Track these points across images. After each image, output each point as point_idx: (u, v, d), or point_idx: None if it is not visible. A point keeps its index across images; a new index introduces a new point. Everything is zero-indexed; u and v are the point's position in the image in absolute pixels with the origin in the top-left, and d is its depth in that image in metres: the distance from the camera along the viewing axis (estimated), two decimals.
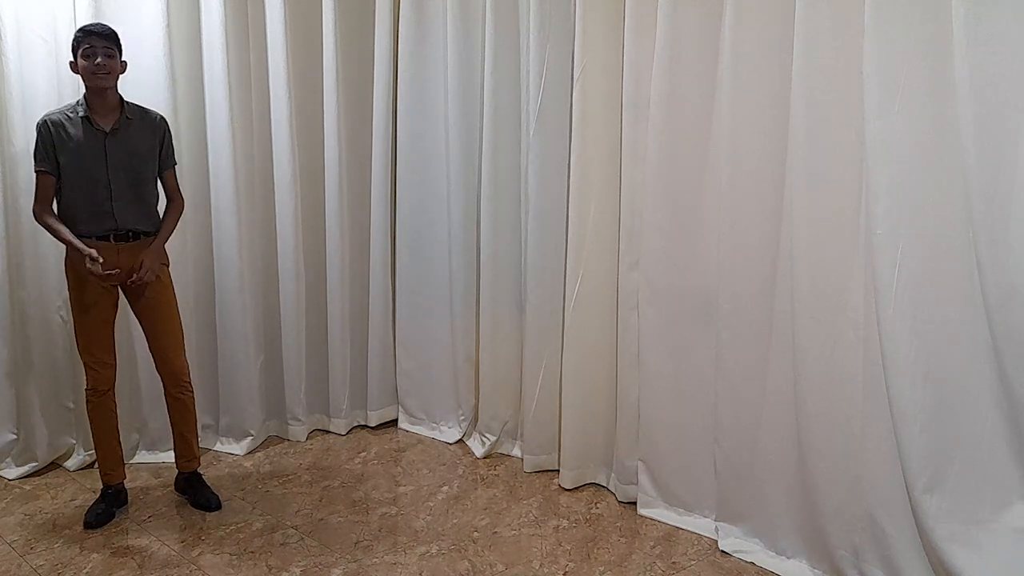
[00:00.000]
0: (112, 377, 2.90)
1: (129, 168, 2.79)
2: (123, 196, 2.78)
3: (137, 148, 2.81)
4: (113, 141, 2.76)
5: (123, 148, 2.78)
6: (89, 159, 2.74)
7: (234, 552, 2.66)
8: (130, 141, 2.80)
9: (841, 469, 2.36)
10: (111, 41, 2.73)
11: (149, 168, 2.86)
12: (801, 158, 2.35)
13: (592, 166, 2.94)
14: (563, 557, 2.64)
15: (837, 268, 2.33)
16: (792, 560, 2.54)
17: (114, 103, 2.79)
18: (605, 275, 2.99)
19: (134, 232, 2.82)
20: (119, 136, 2.78)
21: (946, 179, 2.15)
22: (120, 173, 2.77)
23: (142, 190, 2.83)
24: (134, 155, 2.80)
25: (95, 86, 2.71)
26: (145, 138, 2.84)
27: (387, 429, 3.82)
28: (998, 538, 2.16)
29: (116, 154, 2.77)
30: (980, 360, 2.18)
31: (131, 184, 2.80)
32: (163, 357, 2.94)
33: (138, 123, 2.82)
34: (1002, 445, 2.19)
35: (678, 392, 2.80)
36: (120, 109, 2.80)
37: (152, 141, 2.85)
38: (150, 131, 2.85)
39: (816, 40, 2.28)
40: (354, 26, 3.56)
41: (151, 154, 2.85)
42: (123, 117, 2.79)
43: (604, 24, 2.86)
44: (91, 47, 2.68)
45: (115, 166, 2.76)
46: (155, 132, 2.86)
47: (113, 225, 2.78)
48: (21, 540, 2.73)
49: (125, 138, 2.79)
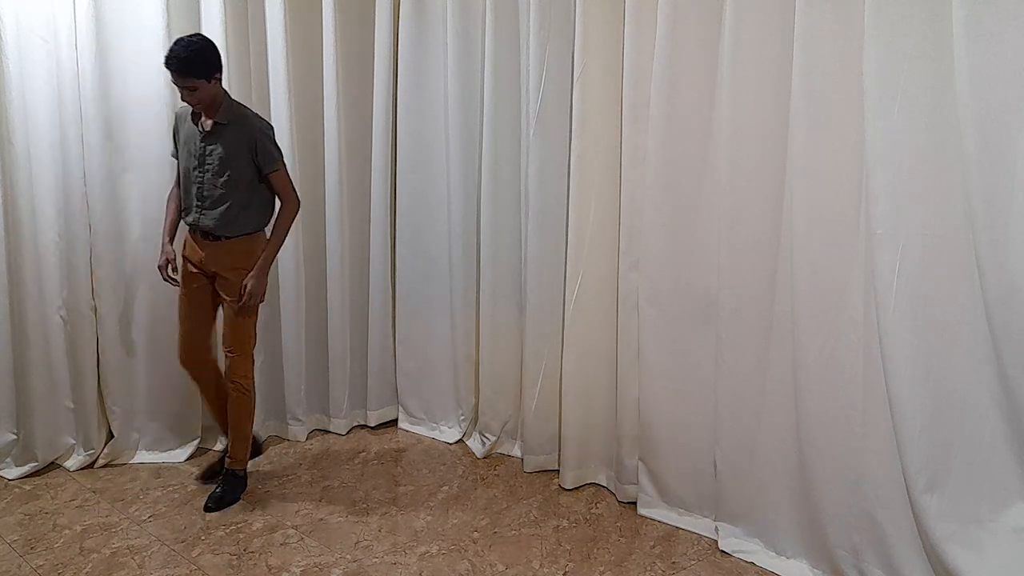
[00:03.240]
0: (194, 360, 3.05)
1: (218, 170, 2.84)
2: (209, 196, 2.86)
3: (228, 151, 2.84)
4: (208, 141, 2.84)
5: (215, 150, 2.84)
6: (189, 154, 2.88)
7: (234, 552, 2.66)
8: (223, 144, 2.83)
9: (841, 469, 2.36)
10: (185, 75, 2.71)
11: (240, 172, 2.86)
12: (801, 158, 2.35)
13: (592, 166, 2.94)
14: (563, 557, 2.64)
15: (837, 268, 2.34)
16: (792, 560, 2.54)
17: (217, 109, 2.83)
18: (605, 275, 2.99)
19: (211, 233, 2.88)
20: (214, 137, 2.84)
21: (946, 179, 2.15)
22: (207, 174, 2.85)
23: (230, 193, 2.85)
24: (224, 158, 2.83)
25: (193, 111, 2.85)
26: (237, 142, 2.84)
27: (387, 429, 3.82)
28: (998, 538, 2.17)
29: (209, 154, 2.84)
30: (980, 360, 2.18)
31: (219, 186, 2.85)
32: (225, 352, 3.02)
33: (233, 127, 2.84)
34: (1002, 445, 2.19)
35: (678, 392, 2.80)
36: (219, 111, 2.83)
37: (244, 145, 2.85)
38: (242, 135, 2.85)
39: (816, 40, 2.29)
40: (354, 26, 3.55)
41: (242, 158, 2.85)
42: (220, 120, 2.83)
43: (604, 24, 2.86)
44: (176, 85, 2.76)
45: (206, 166, 2.85)
46: (246, 136, 2.85)
47: (194, 220, 2.90)
48: (21, 540, 2.73)
49: (219, 140, 2.84)
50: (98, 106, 3.14)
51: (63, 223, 3.16)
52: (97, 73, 3.12)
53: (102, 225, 3.21)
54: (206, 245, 2.91)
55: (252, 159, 2.87)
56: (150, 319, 3.35)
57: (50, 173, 3.12)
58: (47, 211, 3.13)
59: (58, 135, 3.13)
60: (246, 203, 2.90)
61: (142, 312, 3.34)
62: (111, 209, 3.23)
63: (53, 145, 3.11)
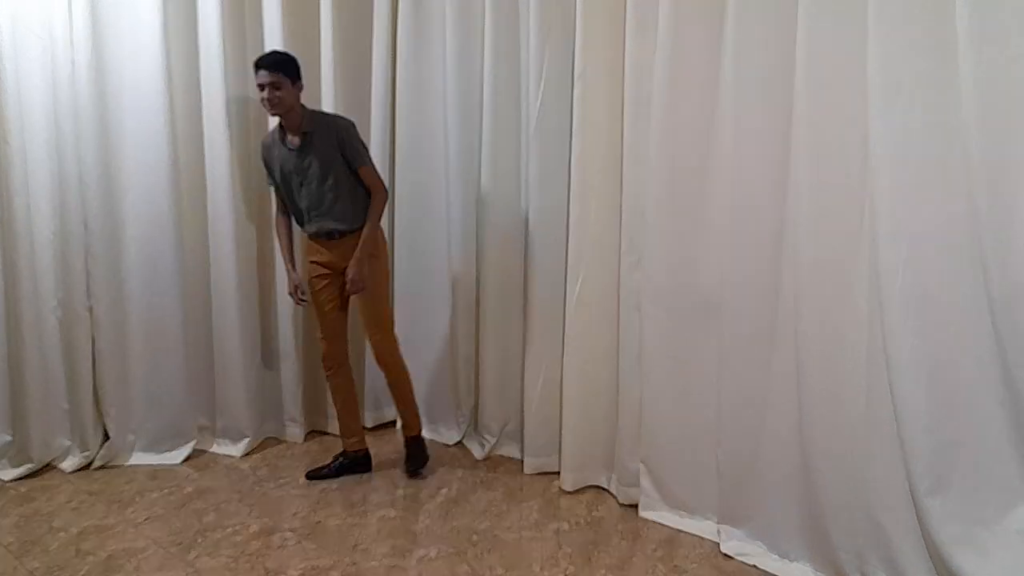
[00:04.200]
0: (336, 354, 3.22)
1: (318, 178, 3.03)
2: (319, 203, 3.05)
3: (322, 157, 3.02)
4: (300, 157, 3.03)
5: (309, 161, 3.02)
6: (287, 175, 3.07)
7: (231, 555, 2.64)
8: (314, 152, 3.02)
9: (844, 471, 2.35)
10: (276, 72, 2.92)
11: (338, 171, 3.04)
12: (804, 157, 2.34)
13: (592, 166, 2.93)
14: (564, 560, 2.62)
15: (840, 268, 2.32)
16: (795, 563, 2.52)
17: (298, 121, 3.02)
18: (606, 275, 2.97)
19: (336, 231, 3.07)
20: (304, 151, 3.03)
21: (950, 179, 2.14)
22: (312, 184, 3.04)
23: (335, 193, 3.04)
24: (320, 165, 3.02)
25: (271, 115, 3.02)
26: (326, 146, 3.02)
27: (385, 430, 3.81)
28: (1002, 540, 2.15)
29: (304, 168, 3.03)
30: (984, 361, 2.16)
31: (324, 191, 3.03)
32: (370, 339, 3.21)
33: (320, 133, 3.02)
34: (1006, 447, 2.17)
35: (680, 393, 2.79)
36: (302, 125, 3.02)
37: (334, 147, 3.02)
38: (329, 138, 3.02)
39: (818, 39, 2.28)
40: (352, 26, 3.54)
41: (336, 159, 3.03)
42: (305, 133, 3.01)
43: (604, 24, 2.85)
44: (261, 84, 2.93)
45: (307, 179, 3.04)
46: (333, 137, 3.02)
47: (317, 228, 3.09)
48: (17, 542, 2.71)
49: (310, 151, 3.02)
50: (94, 104, 3.14)
51: (58, 221, 3.15)
52: (93, 71, 3.12)
53: (98, 223, 3.20)
54: (332, 245, 3.10)
55: (342, 156, 3.04)
56: (146, 319, 3.33)
57: (46, 171, 3.11)
58: (43, 209, 3.12)
59: (54, 133, 3.11)
60: (354, 197, 3.08)
61: (138, 312, 3.32)
62: (107, 207, 3.22)
63: (49, 143, 3.10)
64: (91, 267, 3.22)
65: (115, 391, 3.31)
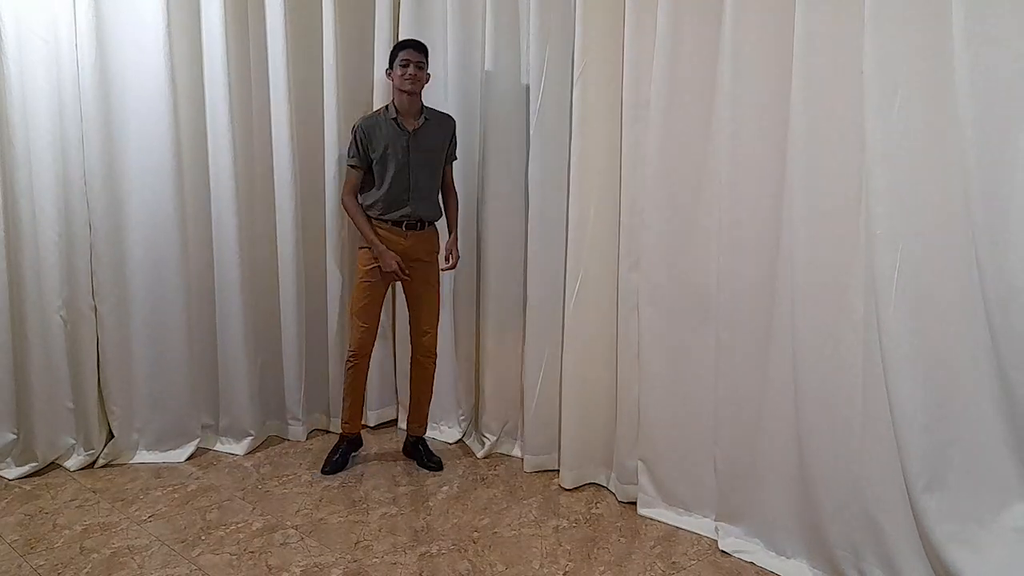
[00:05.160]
0: (369, 342, 3.28)
1: (427, 164, 3.18)
2: (420, 189, 3.18)
3: (433, 146, 3.20)
4: (415, 141, 3.15)
5: (423, 147, 3.16)
6: (395, 156, 3.13)
7: (234, 552, 2.66)
8: (428, 140, 3.18)
9: (841, 469, 2.36)
10: (424, 55, 3.13)
11: (439, 164, 3.24)
12: (801, 158, 2.35)
13: (592, 166, 2.94)
14: (563, 557, 2.64)
15: (837, 268, 2.33)
16: (792, 560, 2.54)
17: (418, 107, 3.17)
18: (605, 275, 2.99)
19: (423, 220, 3.20)
20: (420, 136, 3.15)
21: (946, 179, 2.15)
22: (419, 169, 3.16)
23: (433, 183, 3.23)
24: (431, 153, 3.19)
25: (406, 91, 3.11)
26: (440, 137, 3.22)
27: (387, 429, 3.82)
28: (998, 538, 2.16)
29: (417, 152, 3.15)
30: (980, 361, 2.17)
31: (427, 178, 3.19)
32: (419, 329, 3.32)
33: (434, 124, 3.20)
34: (1001, 446, 2.18)
35: (678, 392, 2.80)
36: (421, 112, 3.17)
37: (445, 139, 3.24)
38: (444, 131, 3.23)
39: (816, 40, 2.29)
40: (354, 25, 3.56)
41: (442, 151, 3.24)
42: (424, 119, 3.16)
43: (604, 24, 2.86)
44: (407, 60, 3.08)
45: (416, 163, 3.15)
46: (447, 132, 3.24)
47: (408, 213, 3.17)
48: (21, 540, 2.73)
49: (425, 138, 3.17)
50: (98, 106, 3.14)
51: (63, 223, 3.16)
52: (97, 73, 3.13)
53: (102, 225, 3.22)
54: (411, 235, 3.20)
55: (446, 152, 3.24)
56: (150, 319, 3.35)
57: (50, 172, 3.12)
58: (47, 211, 3.13)
59: (58, 134, 3.12)
60: (438, 192, 3.27)
61: (142, 312, 3.34)
62: (111, 208, 3.23)
63: (53, 144, 3.11)
64: (96, 268, 3.23)
65: (119, 390, 3.33)
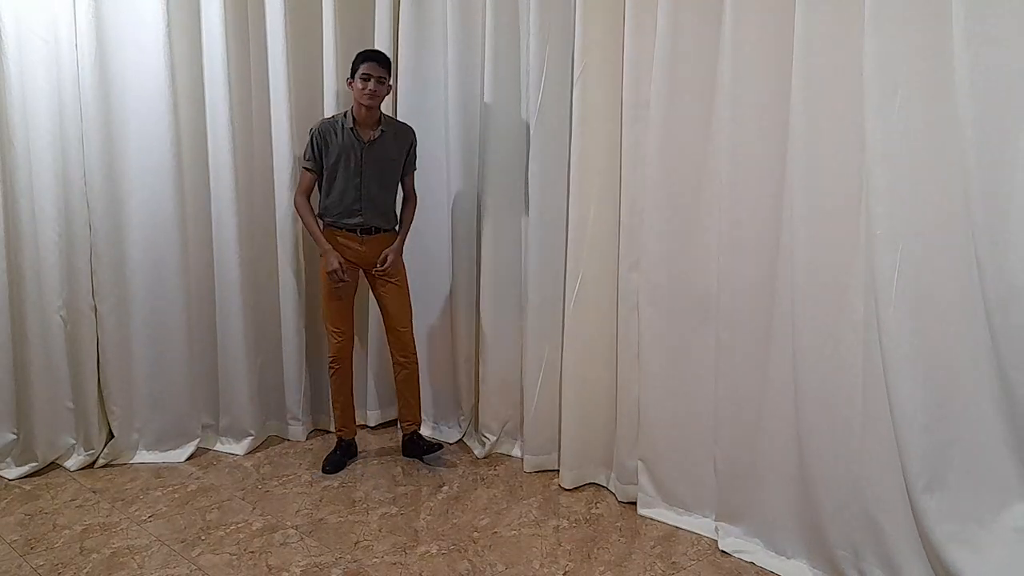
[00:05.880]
0: (347, 347, 3.33)
1: (380, 175, 3.21)
2: (371, 198, 3.21)
3: (388, 157, 3.23)
4: (370, 152, 3.18)
5: (377, 158, 3.19)
6: (348, 165, 3.16)
7: (234, 552, 2.66)
8: (384, 151, 3.21)
9: (841, 469, 2.36)
10: (386, 69, 3.15)
11: (396, 174, 3.28)
12: (801, 158, 2.35)
13: (592, 166, 2.94)
14: (563, 557, 2.64)
15: (837, 268, 2.33)
16: (792, 560, 2.54)
17: (376, 118, 3.19)
18: (605, 275, 2.99)
19: (375, 228, 3.24)
20: (375, 147, 3.18)
21: (946, 179, 2.15)
22: (371, 179, 3.20)
23: (387, 193, 3.27)
24: (385, 163, 3.22)
25: (365, 104, 3.11)
26: (396, 148, 3.25)
27: (387, 429, 3.82)
28: (998, 537, 2.16)
29: (371, 163, 3.18)
30: (980, 361, 2.17)
31: (379, 188, 3.22)
32: (395, 332, 3.35)
33: (391, 135, 3.22)
34: (1001, 446, 2.18)
35: (678, 392, 2.80)
36: (379, 123, 3.19)
37: (401, 150, 3.27)
38: (401, 142, 3.27)
39: (816, 40, 2.28)
40: (354, 26, 3.56)
41: (399, 162, 3.27)
42: (380, 131, 3.18)
43: (604, 24, 2.86)
44: (368, 74, 3.09)
45: (368, 174, 3.18)
46: (405, 143, 3.28)
47: (360, 222, 3.22)
48: (21, 540, 2.73)
49: (380, 149, 3.20)
50: (98, 106, 3.15)
51: (63, 223, 3.16)
52: (97, 73, 3.13)
53: (102, 224, 3.22)
54: (367, 240, 3.25)
55: (404, 161, 3.28)
56: (150, 319, 3.35)
57: (50, 172, 3.12)
58: (47, 211, 3.14)
59: (58, 134, 3.13)
60: (394, 199, 3.31)
61: (142, 312, 3.34)
62: (111, 208, 3.23)
63: (53, 144, 3.12)
64: (96, 268, 3.24)
65: (119, 390, 3.34)
